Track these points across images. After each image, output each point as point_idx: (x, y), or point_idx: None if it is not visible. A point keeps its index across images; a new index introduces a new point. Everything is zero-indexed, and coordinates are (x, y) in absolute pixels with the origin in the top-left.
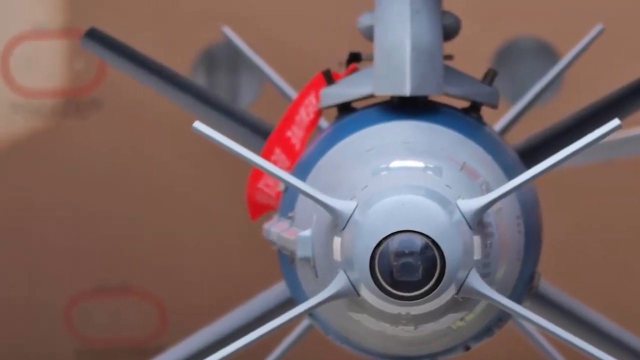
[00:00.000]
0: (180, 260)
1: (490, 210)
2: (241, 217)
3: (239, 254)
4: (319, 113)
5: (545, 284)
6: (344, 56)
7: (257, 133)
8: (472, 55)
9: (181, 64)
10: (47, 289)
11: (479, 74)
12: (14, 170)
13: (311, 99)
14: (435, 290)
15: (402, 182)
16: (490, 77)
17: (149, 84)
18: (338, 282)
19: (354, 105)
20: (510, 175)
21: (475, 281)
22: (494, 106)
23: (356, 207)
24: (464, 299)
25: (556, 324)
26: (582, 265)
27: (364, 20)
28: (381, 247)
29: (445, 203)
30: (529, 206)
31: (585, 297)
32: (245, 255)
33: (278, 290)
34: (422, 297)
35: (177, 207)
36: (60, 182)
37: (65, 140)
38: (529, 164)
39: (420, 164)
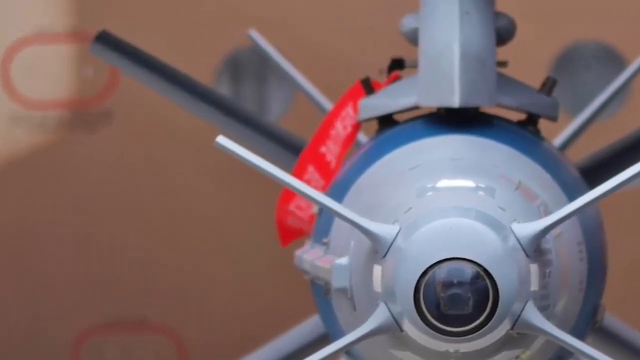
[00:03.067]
0: (202, 291)
1: (549, 236)
2: (270, 243)
3: (268, 285)
4: (357, 127)
5: (611, 318)
6: (386, 63)
7: (288, 149)
8: (529, 62)
9: (203, 71)
10: (53, 323)
11: (536, 83)
12: (15, 191)
13: (348, 110)
14: (488, 326)
15: (450, 204)
16: (549, 86)
17: (166, 94)
18: (379, 316)
19: (397, 118)
20: (572, 197)
21: (533, 315)
22: (554, 119)
23: (399, 232)
24: (520, 335)
25: None
26: None
27: (408, 23)
28: (427, 277)
29: (498, 227)
30: (593, 231)
31: None
32: (275, 286)
33: (311, 325)
34: (473, 333)
35: (198, 232)
36: (67, 204)
37: (72, 156)
38: (592, 184)
39: (470, 184)
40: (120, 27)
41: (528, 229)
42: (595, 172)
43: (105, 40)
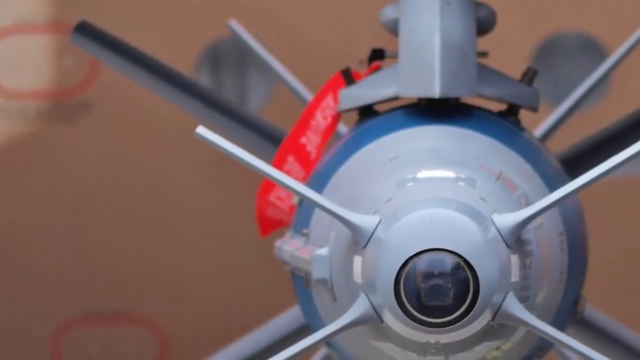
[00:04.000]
0: (183, 283)
1: (529, 226)
2: (250, 234)
3: (248, 276)
4: (337, 117)
5: (591, 309)
6: (366, 53)
7: (268, 139)
8: (510, 52)
9: (183, 62)
10: (33, 315)
11: (517, 73)
12: None
13: (328, 101)
14: (468, 316)
15: (430, 194)
16: (529, 76)
17: (147, 85)
18: (359, 307)
19: (377, 108)
20: (552, 187)
21: (513, 306)
22: (534, 109)
23: (379, 222)
24: (501, 326)
25: (603, 352)
26: (632, 288)
27: (388, 13)
28: (407, 268)
29: (479, 218)
30: (573, 222)
31: (635, 323)
32: (255, 277)
33: (291, 315)
34: (453, 324)
35: (179, 224)
36: (46, 196)
37: (52, 148)
38: (573, 174)
39: (451, 174)
40: (99, 17)
41: (508, 219)
42: (576, 163)
43: (85, 30)
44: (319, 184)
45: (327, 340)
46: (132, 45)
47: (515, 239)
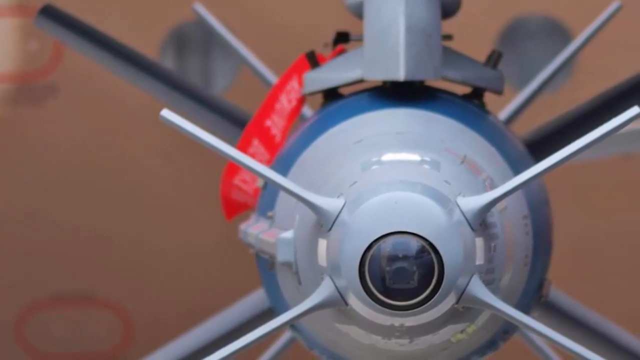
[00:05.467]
0: (148, 266)
1: (494, 209)
2: (216, 217)
3: (213, 259)
4: (302, 100)
5: (556, 292)
6: (330, 36)
7: (233, 122)
8: (474, 35)
9: (148, 45)
10: None
11: (481, 56)
12: None
13: (293, 84)
14: (433, 299)
15: (395, 177)
16: (494, 59)
17: (111, 67)
18: (323, 290)
19: (342, 91)
20: (517, 170)
21: (478, 289)
22: (499, 92)
23: (344, 205)
24: (465, 309)
25: (567, 336)
26: (597, 271)
27: None
28: (372, 251)
29: (443, 201)
30: (538, 205)
31: (600, 306)
32: (220, 261)
33: (256, 298)
34: (417, 307)
35: (145, 207)
36: (11, 179)
37: (17, 131)
38: (537, 157)
39: (415, 157)
40: (64, 0)
41: (473, 202)
42: (540, 146)
43: (50, 13)
44: (283, 167)
45: (291, 324)
46: (97, 28)
47: (480, 222)
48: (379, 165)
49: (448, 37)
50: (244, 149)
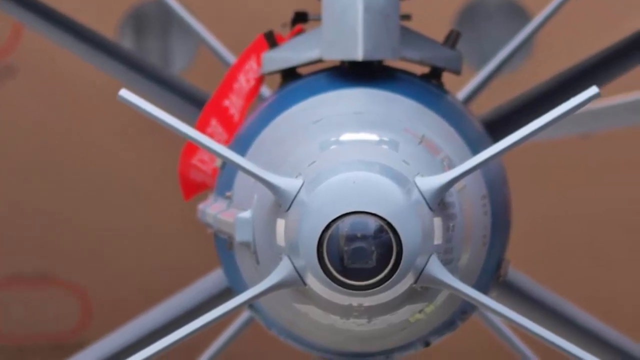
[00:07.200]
0: (106, 245)
1: (452, 189)
2: (174, 197)
3: (171, 239)
4: (260, 80)
5: (514, 272)
6: (289, 16)
7: (191, 102)
8: (433, 14)
9: (106, 24)
10: None
11: (440, 36)
12: None
13: (251, 63)
14: (391, 279)
15: (353, 157)
16: (452, 39)
17: (70, 48)
18: (282, 270)
19: (300, 71)
20: (475, 150)
21: (436, 268)
22: (457, 72)
23: (302, 185)
24: (423, 289)
25: (526, 316)
26: (555, 251)
27: None
28: (330, 231)
29: (402, 181)
30: (496, 185)
31: (557, 286)
32: (178, 240)
33: (214, 278)
34: (376, 287)
35: (104, 187)
36: None
37: None
38: (496, 137)
39: (374, 137)
40: None
41: (431, 182)
42: (499, 126)
43: None
44: (242, 147)
45: (250, 303)
46: (55, 8)
47: (438, 202)
48: (337, 145)
49: (406, 17)
50: (202, 128)
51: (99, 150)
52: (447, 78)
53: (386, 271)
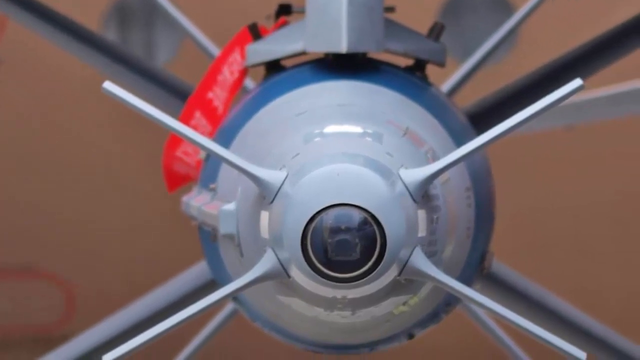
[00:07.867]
0: (90, 238)
1: (436, 182)
2: (158, 189)
3: (156, 231)
4: (244, 72)
5: (499, 265)
6: (273, 8)
7: (175, 94)
8: (417, 7)
9: (90, 17)
10: None
11: (424, 28)
12: None
13: (235, 56)
14: (375, 271)
15: (337, 149)
16: (436, 31)
17: (54, 40)
18: (266, 262)
19: (284, 63)
20: (459, 142)
21: (420, 261)
22: (441, 64)
23: (286, 177)
24: (407, 281)
25: (510, 308)
26: (539, 243)
27: None
28: (314, 223)
29: (386, 173)
30: (480, 177)
31: (542, 278)
32: (163, 233)
33: (198, 271)
34: (360, 279)
35: (88, 180)
36: None
37: None
38: (480, 130)
39: (358, 129)
40: None
41: (415, 174)
42: (483, 118)
43: None
44: (226, 139)
45: (234, 296)
46: (39, 0)
47: (422, 194)
48: (321, 138)
49: (390, 9)
50: (186, 121)
51: (83, 142)
52: (431, 70)
53: (370, 263)
